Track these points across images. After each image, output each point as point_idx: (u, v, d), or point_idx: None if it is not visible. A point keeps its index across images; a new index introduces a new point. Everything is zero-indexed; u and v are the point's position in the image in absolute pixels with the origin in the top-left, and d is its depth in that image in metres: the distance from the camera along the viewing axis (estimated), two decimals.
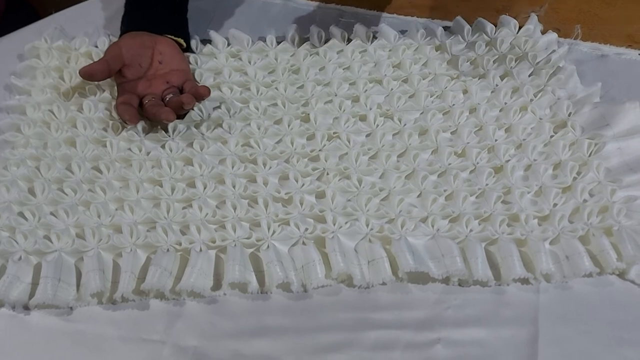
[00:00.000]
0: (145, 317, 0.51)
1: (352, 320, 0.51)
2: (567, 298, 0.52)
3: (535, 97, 0.66)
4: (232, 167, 0.61)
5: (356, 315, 0.51)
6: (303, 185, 0.59)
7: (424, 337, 0.50)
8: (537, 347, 0.49)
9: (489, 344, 0.49)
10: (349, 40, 0.75)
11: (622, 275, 0.53)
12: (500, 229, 0.55)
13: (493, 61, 0.71)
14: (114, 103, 0.67)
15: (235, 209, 0.57)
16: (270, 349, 0.49)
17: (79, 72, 0.64)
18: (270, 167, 0.61)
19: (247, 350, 0.49)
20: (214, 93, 0.69)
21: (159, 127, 0.65)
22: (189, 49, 0.73)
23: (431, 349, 0.49)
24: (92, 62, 0.67)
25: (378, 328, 0.51)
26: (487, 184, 0.59)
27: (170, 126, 0.64)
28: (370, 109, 0.66)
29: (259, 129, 0.65)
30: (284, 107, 0.67)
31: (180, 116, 0.65)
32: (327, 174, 0.60)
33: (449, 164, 0.61)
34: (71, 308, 0.52)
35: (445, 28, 0.76)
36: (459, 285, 0.53)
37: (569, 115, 0.64)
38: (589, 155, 0.60)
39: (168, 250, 0.54)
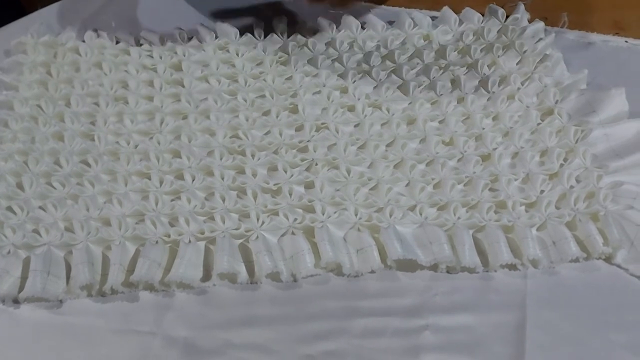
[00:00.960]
0: (135, 309, 0.52)
1: (341, 309, 0.51)
2: (555, 283, 0.52)
3: (523, 85, 0.66)
4: (221, 158, 0.61)
5: (345, 303, 0.52)
6: (292, 176, 0.59)
7: (413, 324, 0.50)
8: (525, 332, 0.49)
9: (477, 329, 0.50)
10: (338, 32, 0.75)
11: (608, 259, 0.53)
12: (487, 216, 0.55)
13: (480, 50, 0.71)
14: (100, 97, 0.67)
15: (223, 200, 0.57)
16: (260, 338, 0.50)
17: None
18: (259, 159, 0.61)
19: (237, 340, 0.50)
20: (201, 85, 0.69)
21: (146, 120, 0.66)
22: None
23: (419, 335, 0.49)
24: (78, 57, 0.67)
25: (367, 316, 0.51)
26: (474, 172, 0.59)
27: (158, 119, 0.64)
28: (359, 99, 0.66)
29: (247, 120, 0.65)
30: (272, 98, 0.67)
31: None
32: (316, 164, 0.60)
33: (437, 153, 0.61)
34: (61, 301, 0.52)
35: (433, 18, 0.76)
36: (447, 272, 0.53)
37: (556, 102, 0.64)
38: (576, 142, 0.60)
39: (157, 242, 0.54)
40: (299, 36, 0.74)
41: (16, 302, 0.52)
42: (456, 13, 0.75)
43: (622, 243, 0.53)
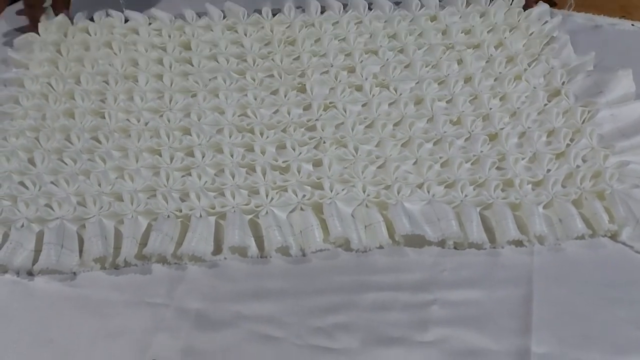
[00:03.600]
0: (148, 282, 0.53)
1: (350, 283, 0.52)
2: (561, 260, 0.53)
3: (530, 66, 0.67)
4: (230, 136, 0.62)
5: (354, 278, 0.52)
6: (300, 153, 0.60)
7: (421, 299, 0.51)
8: (532, 306, 0.50)
9: (484, 304, 0.50)
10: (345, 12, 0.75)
11: (614, 237, 0.54)
12: (494, 194, 0.56)
13: (487, 31, 0.71)
14: (110, 76, 0.68)
15: (233, 176, 0.58)
16: (270, 311, 0.50)
17: None
18: (268, 137, 0.62)
19: (247, 312, 0.50)
20: (210, 64, 0.69)
21: (156, 98, 0.66)
22: None
23: (428, 309, 0.50)
24: (88, 36, 0.68)
25: (376, 290, 0.52)
26: (481, 151, 0.60)
27: (167, 97, 0.65)
28: (366, 79, 0.67)
29: (255, 99, 0.65)
30: (280, 78, 0.68)
31: None
32: (324, 142, 0.61)
33: (444, 132, 0.61)
34: (74, 274, 0.53)
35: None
36: (455, 248, 0.54)
37: (563, 83, 0.64)
38: (582, 122, 0.61)
39: (168, 216, 0.55)
40: (307, 16, 0.74)
41: (30, 274, 0.53)
42: None
43: (627, 221, 0.53)
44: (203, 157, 0.60)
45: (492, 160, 0.58)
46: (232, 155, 0.60)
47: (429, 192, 0.57)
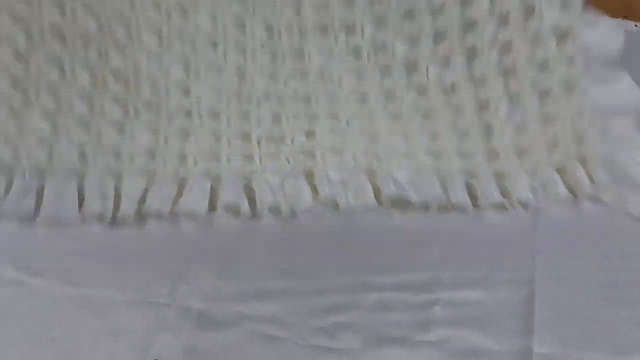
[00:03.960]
0: (150, 281, 0.53)
1: (352, 283, 0.52)
2: (564, 260, 0.53)
3: None
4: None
5: (356, 278, 0.53)
6: (294, 124, 0.62)
7: (423, 299, 0.51)
8: (534, 307, 0.50)
9: (487, 304, 0.50)
10: None
11: (595, 200, 0.56)
12: (480, 162, 0.59)
13: None
14: None
15: (229, 143, 0.61)
16: (272, 311, 0.50)
17: None
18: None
19: (250, 312, 0.50)
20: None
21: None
22: None
23: (430, 309, 0.50)
24: None
25: (378, 290, 0.52)
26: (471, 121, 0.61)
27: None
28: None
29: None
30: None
31: None
32: (317, 114, 0.63)
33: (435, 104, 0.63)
34: (75, 273, 0.53)
35: None
36: (439, 212, 0.56)
37: None
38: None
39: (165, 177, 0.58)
40: None
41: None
42: None
43: (608, 184, 0.55)
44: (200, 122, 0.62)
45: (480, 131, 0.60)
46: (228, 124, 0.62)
47: (416, 161, 0.59)
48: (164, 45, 0.64)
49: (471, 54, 0.64)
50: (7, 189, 0.58)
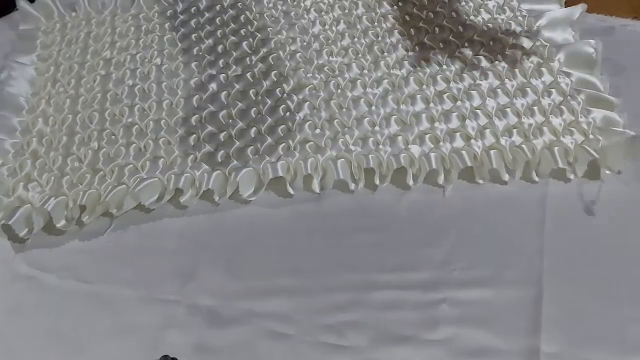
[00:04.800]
0: (159, 278, 0.53)
1: (359, 282, 0.52)
2: (572, 261, 0.53)
3: None
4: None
5: (363, 277, 0.53)
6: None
7: (430, 298, 0.51)
8: (541, 307, 0.50)
9: (494, 303, 0.51)
10: None
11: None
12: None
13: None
14: None
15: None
16: (281, 309, 0.51)
17: None
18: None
19: (259, 309, 0.51)
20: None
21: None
22: None
23: (437, 308, 0.50)
24: None
25: (385, 289, 0.52)
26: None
27: None
28: None
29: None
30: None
31: None
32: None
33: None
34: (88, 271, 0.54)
35: None
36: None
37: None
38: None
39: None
40: None
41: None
42: None
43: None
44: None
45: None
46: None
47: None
48: None
49: None
50: None
